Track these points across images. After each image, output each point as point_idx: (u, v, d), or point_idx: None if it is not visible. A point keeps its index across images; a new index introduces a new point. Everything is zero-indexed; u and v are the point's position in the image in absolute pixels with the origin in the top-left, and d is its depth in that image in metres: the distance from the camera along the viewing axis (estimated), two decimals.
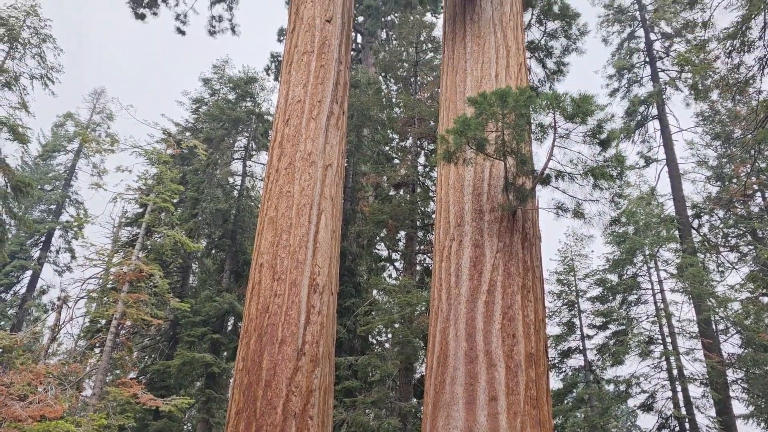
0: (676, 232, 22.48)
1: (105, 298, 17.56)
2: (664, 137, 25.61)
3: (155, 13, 15.49)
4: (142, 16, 15.32)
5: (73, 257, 36.98)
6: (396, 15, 31.57)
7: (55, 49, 24.91)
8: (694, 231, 24.08)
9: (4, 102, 20.28)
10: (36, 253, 35.78)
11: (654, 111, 26.52)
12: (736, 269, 23.64)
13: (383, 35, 33.42)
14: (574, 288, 23.47)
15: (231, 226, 24.73)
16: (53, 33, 25.01)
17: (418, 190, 19.80)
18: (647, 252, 21.61)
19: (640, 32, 27.96)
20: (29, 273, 34.72)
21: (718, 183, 25.60)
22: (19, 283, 35.24)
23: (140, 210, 22.51)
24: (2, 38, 21.57)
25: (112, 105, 40.48)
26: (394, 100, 22.97)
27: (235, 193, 26.73)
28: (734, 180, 24.68)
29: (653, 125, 26.69)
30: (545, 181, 6.71)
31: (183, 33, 16.38)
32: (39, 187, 35.38)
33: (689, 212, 24.17)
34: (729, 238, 24.82)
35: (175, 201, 20.90)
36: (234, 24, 17.05)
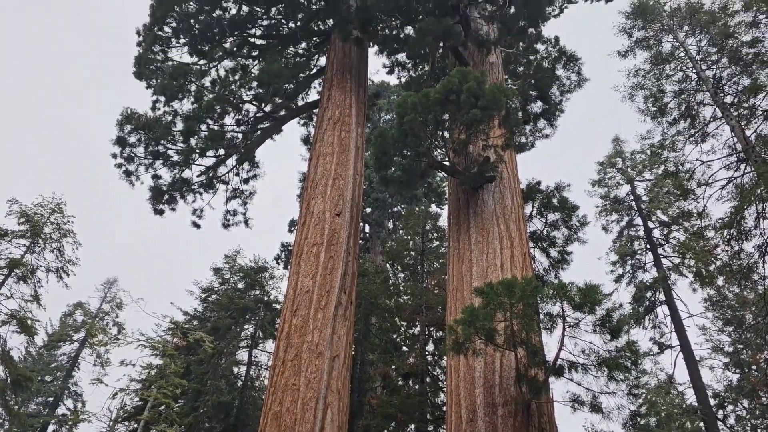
0: (702, 424, 21.26)
1: None
2: (675, 323, 25.28)
3: (173, 209, 16.28)
4: (160, 212, 16.09)
5: None
6: (402, 206, 33.10)
7: (74, 243, 25.83)
8: (720, 422, 22.78)
9: (17, 294, 20.61)
10: None
11: (661, 296, 26.48)
12: None
13: (390, 225, 34.69)
14: None
15: (233, 420, 23.64)
16: (74, 226, 26.12)
17: (428, 380, 19.19)
18: None
19: (638, 220, 28.90)
20: None
21: (738, 370, 24.75)
22: None
23: (140, 403, 21.70)
24: (25, 234, 22.50)
25: (122, 295, 40.92)
26: (401, 287, 23.18)
27: (239, 383, 25.96)
28: (754, 367, 23.90)
29: (662, 311, 26.46)
30: (558, 372, 6.52)
31: (198, 227, 17.06)
32: (39, 378, 34.56)
33: (712, 402, 23.06)
34: (758, 431, 23.41)
35: (177, 393, 20.24)
36: (248, 217, 17.83)
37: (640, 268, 27.83)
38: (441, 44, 12.73)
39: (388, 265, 25.22)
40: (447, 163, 10.41)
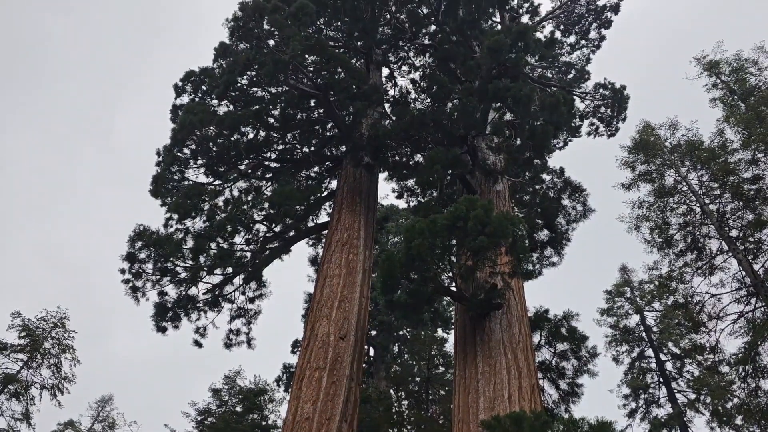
0: None
1: None
2: None
3: (176, 327, 16.04)
4: (163, 329, 15.83)
5: None
6: (408, 330, 32.52)
7: (73, 360, 25.24)
8: None
9: (8, 412, 19.90)
10: None
11: None
12: None
13: (395, 348, 33.93)
14: None
15: None
16: (74, 342, 25.61)
17: None
18: None
19: (650, 351, 28.19)
20: None
21: None
22: None
23: None
24: (24, 348, 22.12)
25: (116, 414, 39.46)
26: (405, 416, 22.28)
27: None
28: None
29: None
30: None
31: (200, 345, 16.69)
32: None
33: None
34: None
35: None
36: (251, 337, 17.50)
37: (653, 402, 26.79)
38: (449, 172, 13.11)
39: (392, 391, 24.44)
40: (454, 289, 10.34)
